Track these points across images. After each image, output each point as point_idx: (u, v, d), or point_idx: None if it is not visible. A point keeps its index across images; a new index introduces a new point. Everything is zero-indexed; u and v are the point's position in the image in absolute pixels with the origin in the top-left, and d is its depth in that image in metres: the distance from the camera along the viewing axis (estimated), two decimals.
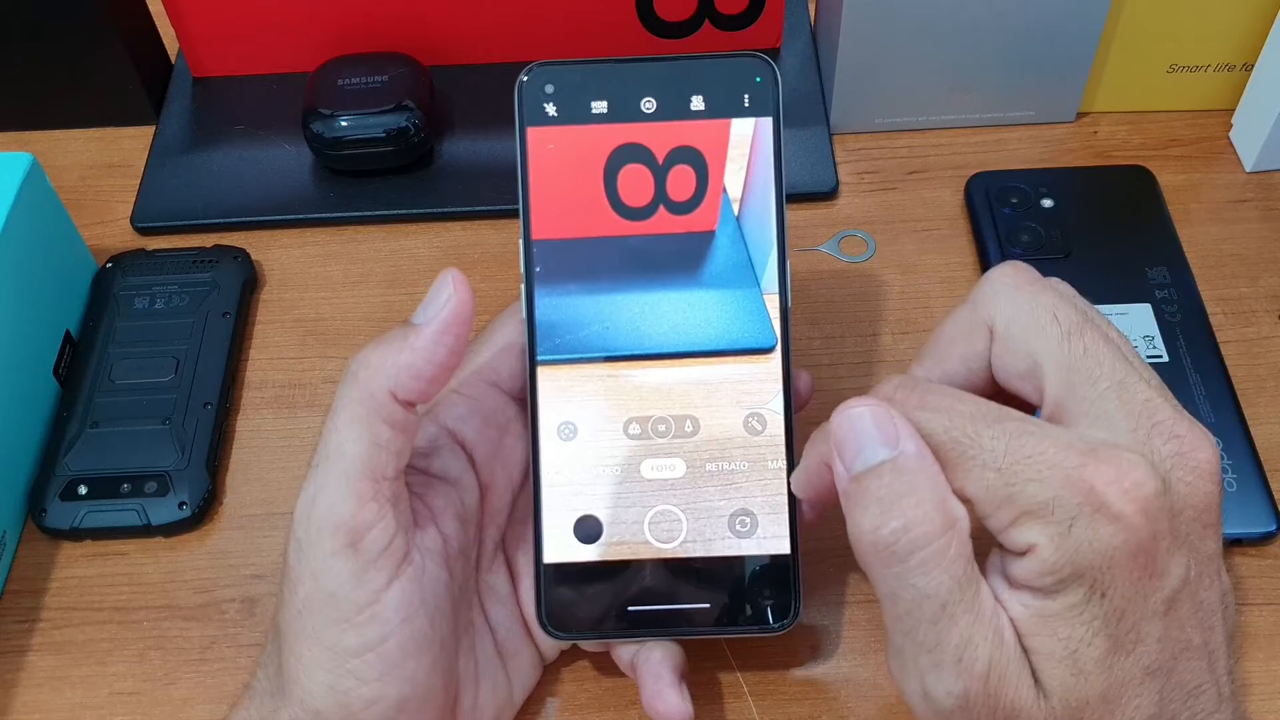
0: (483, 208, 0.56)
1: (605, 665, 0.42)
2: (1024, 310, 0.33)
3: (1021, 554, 0.30)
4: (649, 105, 0.38)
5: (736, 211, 0.39)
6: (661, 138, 0.38)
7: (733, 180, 0.39)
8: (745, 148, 0.38)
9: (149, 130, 0.60)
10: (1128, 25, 0.55)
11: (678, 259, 0.39)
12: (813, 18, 0.62)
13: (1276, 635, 0.42)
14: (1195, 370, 0.47)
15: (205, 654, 0.43)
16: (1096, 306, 0.49)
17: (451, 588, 0.36)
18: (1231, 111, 0.58)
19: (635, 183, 0.38)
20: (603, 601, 0.38)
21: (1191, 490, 0.30)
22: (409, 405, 0.34)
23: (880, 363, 0.50)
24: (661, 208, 0.39)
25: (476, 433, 0.38)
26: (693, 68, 0.39)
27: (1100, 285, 0.50)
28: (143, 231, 0.56)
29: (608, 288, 0.39)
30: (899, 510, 0.30)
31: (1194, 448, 0.30)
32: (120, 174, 0.59)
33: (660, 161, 0.38)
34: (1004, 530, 0.30)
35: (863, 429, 0.31)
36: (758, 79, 0.39)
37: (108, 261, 0.53)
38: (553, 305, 0.38)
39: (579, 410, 0.38)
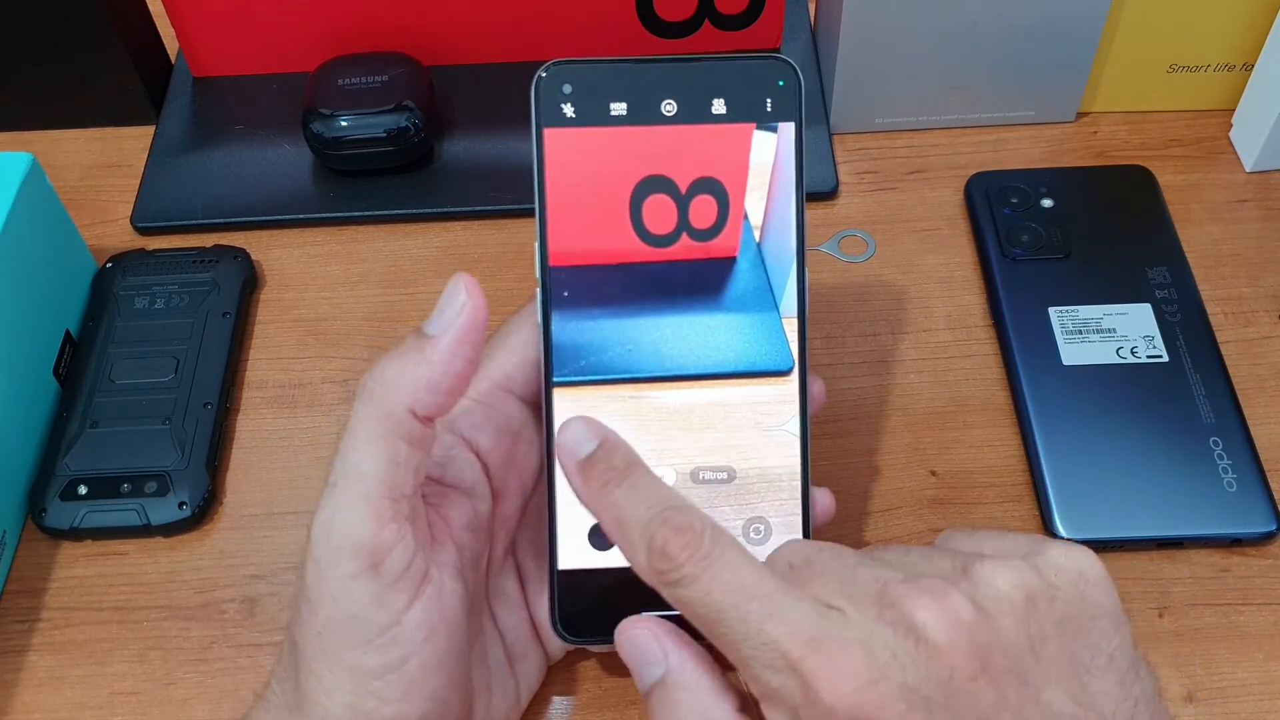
0: (483, 208, 0.56)
1: (607, 665, 0.42)
2: None
3: None
4: (669, 108, 0.38)
5: (758, 237, 0.38)
6: (683, 165, 0.38)
7: (754, 207, 0.38)
8: (766, 175, 0.38)
9: (149, 130, 0.60)
10: (1128, 25, 0.55)
11: (698, 284, 0.38)
12: (813, 18, 0.62)
13: (1276, 635, 0.42)
14: (1195, 370, 0.47)
15: (205, 654, 0.43)
16: (1096, 306, 0.49)
17: (466, 599, 0.36)
18: (1231, 111, 0.58)
19: (658, 211, 0.38)
20: (616, 606, 0.38)
21: (929, 663, 0.29)
22: (427, 420, 0.34)
23: (880, 362, 0.50)
24: (684, 235, 0.38)
25: (491, 440, 0.38)
26: (715, 69, 0.38)
27: (1100, 285, 0.50)
28: (143, 231, 0.56)
29: (628, 312, 0.38)
30: None
31: (918, 618, 0.30)
32: (120, 174, 0.59)
33: (683, 191, 0.38)
34: (761, 706, 0.31)
35: (637, 649, 0.34)
36: (781, 82, 0.38)
37: (108, 261, 0.53)
38: (572, 328, 0.38)
39: None
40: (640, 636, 0.34)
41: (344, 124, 0.55)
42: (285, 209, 0.56)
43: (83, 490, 0.46)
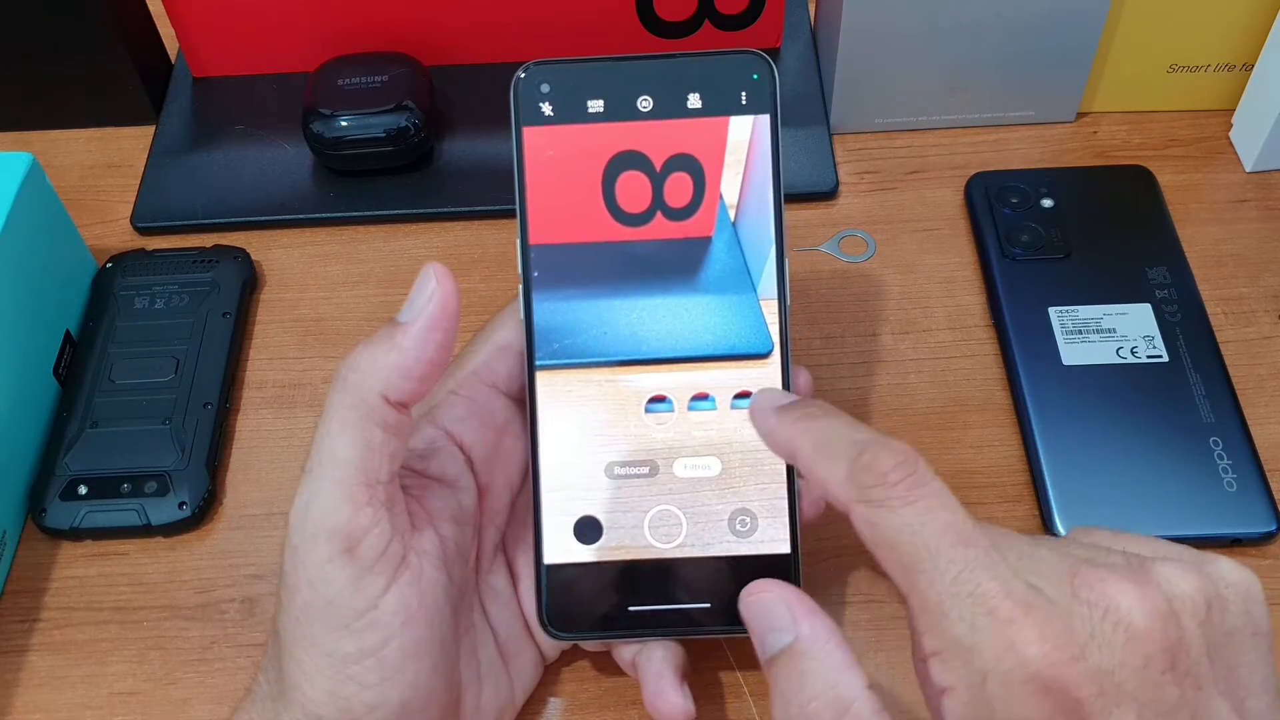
0: (483, 208, 0.56)
1: (605, 665, 0.42)
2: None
3: (939, 691, 0.30)
4: (645, 104, 0.38)
5: (733, 217, 0.39)
6: (659, 144, 0.38)
7: (729, 187, 0.39)
8: (742, 154, 0.39)
9: (149, 130, 0.60)
10: (1128, 25, 0.55)
11: (675, 265, 0.39)
12: (813, 18, 0.62)
13: (1276, 635, 0.42)
14: (1195, 370, 0.47)
15: (205, 654, 0.43)
16: (1096, 306, 0.49)
17: (450, 590, 0.36)
18: (1231, 111, 0.58)
19: (633, 189, 0.38)
20: (604, 601, 0.38)
21: (1126, 647, 0.29)
22: (401, 406, 0.34)
23: (880, 363, 0.50)
24: (659, 214, 0.39)
25: (475, 434, 0.38)
26: (689, 65, 0.39)
27: (1100, 285, 0.50)
28: (143, 231, 0.56)
29: (606, 293, 0.39)
30: (796, 702, 0.31)
31: (1121, 603, 0.29)
32: (120, 174, 0.59)
33: (658, 169, 0.38)
34: (928, 657, 0.30)
35: (764, 614, 0.34)
36: (754, 76, 0.39)
37: (108, 261, 0.53)
38: (551, 310, 0.38)
39: (578, 413, 0.38)
40: (768, 601, 0.34)
41: (344, 124, 0.55)
42: (285, 209, 0.56)
43: (83, 490, 0.46)
